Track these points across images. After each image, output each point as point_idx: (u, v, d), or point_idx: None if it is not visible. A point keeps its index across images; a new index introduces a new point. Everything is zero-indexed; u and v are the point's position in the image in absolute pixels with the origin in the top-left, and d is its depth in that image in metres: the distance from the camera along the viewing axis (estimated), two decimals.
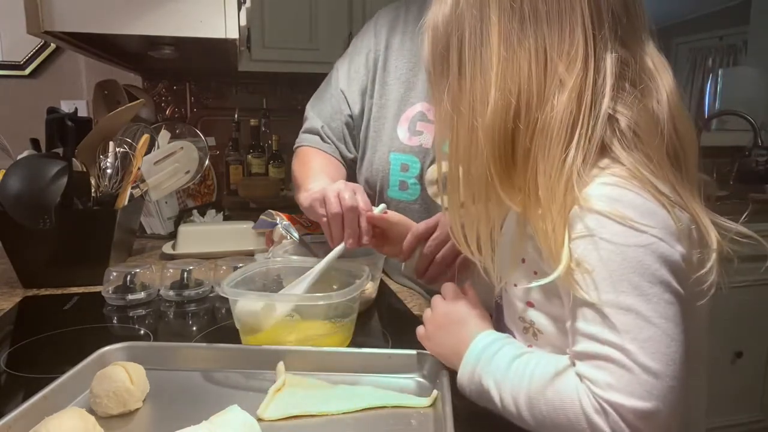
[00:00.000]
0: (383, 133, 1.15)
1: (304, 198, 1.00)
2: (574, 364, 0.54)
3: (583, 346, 0.53)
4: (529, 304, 0.62)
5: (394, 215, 0.93)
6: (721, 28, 5.21)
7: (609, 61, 0.57)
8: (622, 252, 0.51)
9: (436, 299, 0.72)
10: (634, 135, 0.57)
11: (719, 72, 3.55)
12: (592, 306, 0.52)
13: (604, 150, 0.57)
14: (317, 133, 1.21)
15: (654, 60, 0.60)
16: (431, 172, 1.10)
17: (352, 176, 1.21)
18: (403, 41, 1.17)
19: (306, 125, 1.25)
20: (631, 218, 0.52)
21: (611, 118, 0.57)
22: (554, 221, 0.55)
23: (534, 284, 0.58)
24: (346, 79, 1.21)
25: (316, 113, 1.23)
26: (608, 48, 0.57)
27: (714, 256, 0.56)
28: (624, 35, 0.58)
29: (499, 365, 0.59)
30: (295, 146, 1.27)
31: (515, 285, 0.63)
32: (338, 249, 0.90)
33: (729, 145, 2.58)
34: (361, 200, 0.88)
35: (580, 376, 0.53)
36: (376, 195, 1.17)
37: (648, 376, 0.50)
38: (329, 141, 1.21)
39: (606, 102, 0.56)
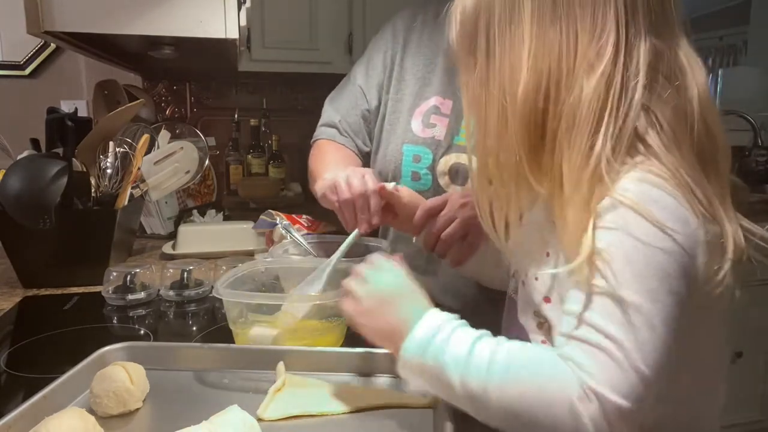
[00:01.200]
0: (398, 126, 1.18)
1: (319, 188, 1.02)
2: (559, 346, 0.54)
3: (582, 332, 0.52)
4: (546, 300, 0.61)
5: (405, 192, 0.92)
6: (721, 28, 5.19)
7: (642, 49, 0.56)
8: (649, 253, 0.51)
9: (362, 269, 0.67)
10: (673, 134, 0.56)
11: (719, 72, 3.54)
12: (604, 297, 0.52)
13: (637, 144, 0.56)
14: (335, 126, 1.24)
15: (687, 55, 0.59)
16: (443, 164, 1.12)
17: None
18: (421, 40, 1.19)
19: (323, 119, 1.28)
20: (663, 222, 0.51)
21: (649, 111, 0.56)
22: (576, 209, 0.54)
23: (551, 270, 0.57)
24: (364, 76, 1.23)
25: (334, 108, 1.26)
26: (641, 36, 0.56)
27: (728, 265, 0.55)
28: (658, 25, 0.58)
29: (459, 346, 0.56)
30: (313, 140, 1.29)
31: (536, 278, 0.62)
32: (348, 240, 0.89)
33: (729, 145, 2.57)
34: (371, 182, 0.90)
35: (565, 357, 0.52)
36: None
37: (637, 378, 0.49)
38: (346, 134, 1.24)
39: (639, 90, 0.55)
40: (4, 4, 1.88)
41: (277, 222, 1.27)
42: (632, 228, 0.52)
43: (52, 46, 2.00)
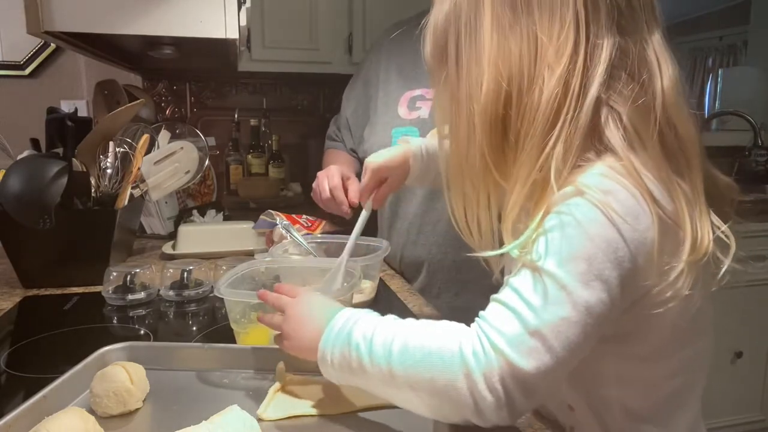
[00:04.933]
0: (386, 116, 1.30)
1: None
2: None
3: (503, 293, 0.54)
4: None
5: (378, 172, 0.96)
6: (721, 28, 5.20)
7: (604, 48, 0.56)
8: (588, 238, 0.51)
9: (283, 301, 0.69)
10: (634, 131, 0.56)
11: (719, 72, 3.54)
12: (532, 268, 0.53)
13: (600, 141, 0.56)
14: (329, 138, 1.53)
15: (657, 52, 0.59)
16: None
17: (359, 162, 1.42)
18: (404, 46, 1.30)
19: (327, 132, 1.56)
20: (613, 211, 0.51)
21: (611, 109, 0.56)
22: (514, 203, 0.56)
23: (501, 250, 0.58)
24: (348, 90, 1.47)
25: (333, 120, 1.55)
26: (603, 35, 0.56)
27: (681, 267, 0.54)
28: (624, 23, 0.57)
29: (370, 321, 0.59)
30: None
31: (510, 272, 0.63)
32: (361, 220, 0.93)
33: (729, 145, 2.57)
34: (335, 178, 1.09)
35: (481, 315, 0.54)
36: None
37: (540, 343, 0.50)
38: (337, 138, 1.50)
39: (595, 88, 0.55)
40: (4, 4, 1.88)
41: (277, 222, 1.27)
42: (579, 213, 0.52)
43: (52, 46, 2.00)
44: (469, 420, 0.53)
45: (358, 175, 1.23)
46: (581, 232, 0.52)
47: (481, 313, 0.55)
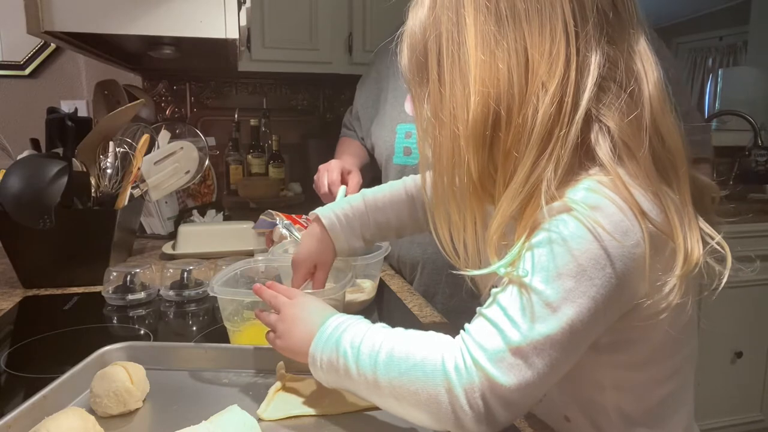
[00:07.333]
0: (394, 110, 1.31)
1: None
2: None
3: (489, 309, 0.54)
4: None
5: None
6: (721, 28, 5.20)
7: (593, 61, 0.54)
8: (574, 254, 0.51)
9: (279, 301, 0.69)
10: (624, 144, 0.54)
11: (719, 72, 3.54)
12: (519, 284, 0.52)
13: (591, 156, 0.55)
14: (344, 125, 1.58)
15: (642, 59, 0.57)
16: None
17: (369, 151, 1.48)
18: None
19: (343, 120, 1.61)
20: (601, 228, 0.50)
21: (601, 124, 0.55)
22: (500, 219, 0.55)
23: (489, 269, 0.56)
24: (362, 80, 1.50)
25: (348, 111, 1.58)
26: (593, 47, 0.54)
27: (674, 281, 0.53)
28: (612, 32, 0.55)
29: (359, 329, 0.60)
30: None
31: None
32: None
33: (729, 145, 2.57)
34: (334, 173, 1.17)
35: (465, 329, 0.54)
36: (383, 162, 1.34)
37: (522, 361, 0.50)
38: (351, 127, 1.53)
39: (584, 102, 0.54)
40: (4, 4, 1.88)
41: (277, 222, 1.27)
42: (566, 230, 0.51)
43: (52, 46, 2.00)
44: (449, 430, 0.54)
45: (366, 166, 1.33)
46: (568, 249, 0.51)
47: (466, 325, 0.55)
